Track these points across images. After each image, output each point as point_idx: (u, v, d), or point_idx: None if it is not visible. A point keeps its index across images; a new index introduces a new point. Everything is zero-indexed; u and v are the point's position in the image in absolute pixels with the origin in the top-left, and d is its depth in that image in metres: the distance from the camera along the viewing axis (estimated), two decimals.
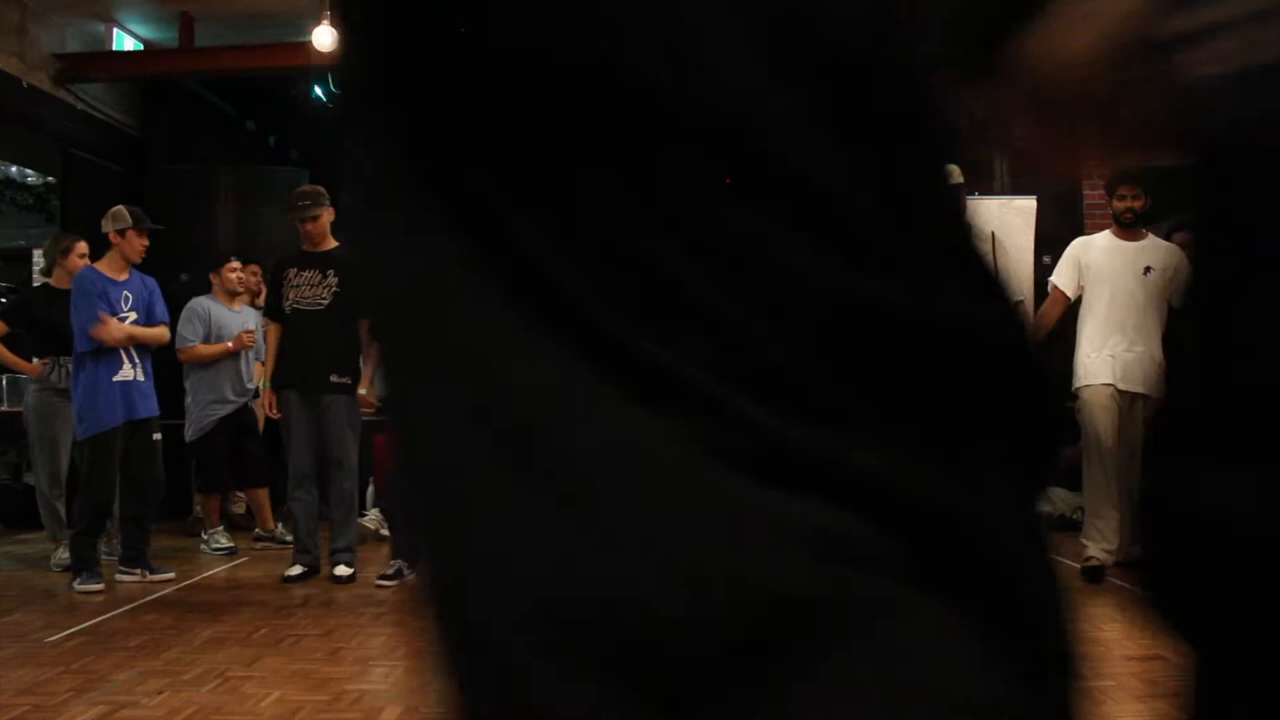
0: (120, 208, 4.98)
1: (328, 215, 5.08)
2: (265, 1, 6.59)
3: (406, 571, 4.95)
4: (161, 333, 5.08)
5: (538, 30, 0.44)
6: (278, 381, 5.05)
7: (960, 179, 4.85)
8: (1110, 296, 4.69)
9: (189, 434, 5.92)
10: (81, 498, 4.84)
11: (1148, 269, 4.68)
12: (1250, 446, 0.76)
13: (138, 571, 4.95)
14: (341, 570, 4.98)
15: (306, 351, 4.96)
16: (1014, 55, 0.65)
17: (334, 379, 4.97)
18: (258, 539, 6.07)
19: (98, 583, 4.75)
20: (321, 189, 5.16)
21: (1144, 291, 4.66)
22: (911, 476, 0.44)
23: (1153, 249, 4.75)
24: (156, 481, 5.01)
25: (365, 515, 6.07)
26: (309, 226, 5.05)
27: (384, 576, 4.88)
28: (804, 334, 0.44)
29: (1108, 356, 4.66)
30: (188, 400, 5.94)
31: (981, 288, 0.50)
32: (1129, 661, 3.46)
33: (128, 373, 4.80)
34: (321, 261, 5.03)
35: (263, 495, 6.08)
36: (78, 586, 4.71)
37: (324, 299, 4.99)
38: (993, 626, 0.44)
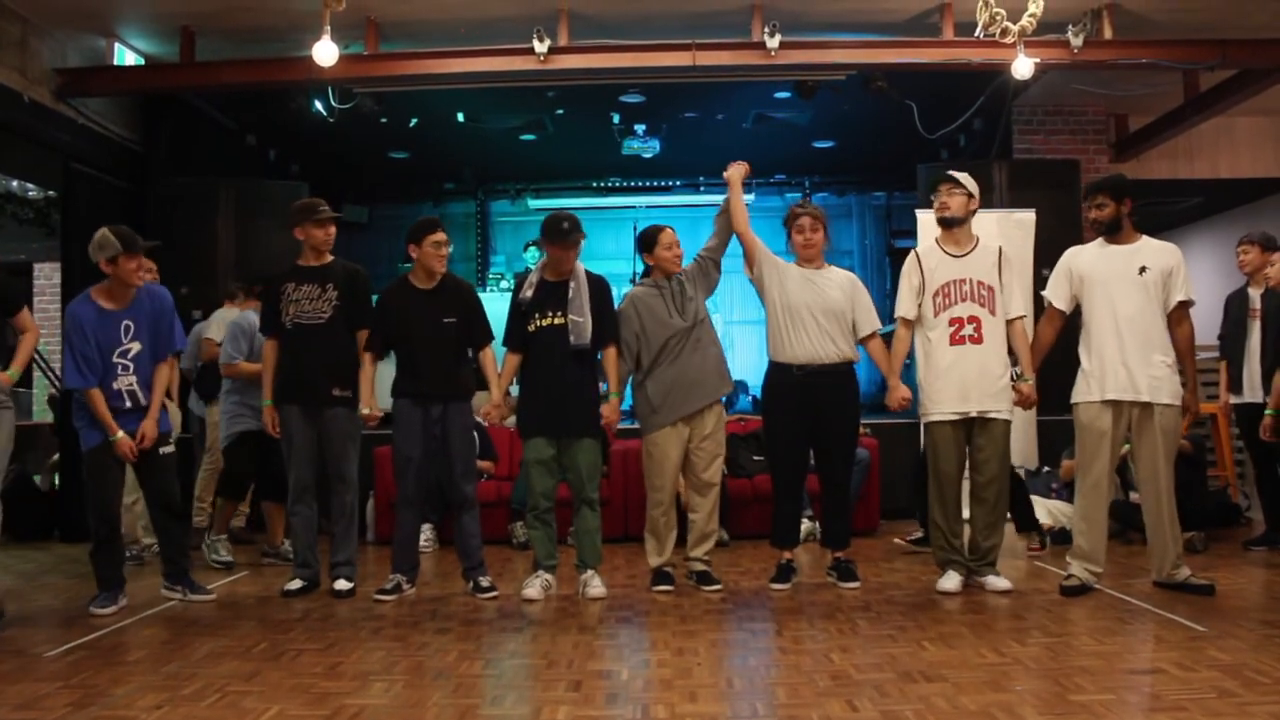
0: (105, 232, 4.55)
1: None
2: (266, 16, 6.61)
3: (405, 586, 4.94)
4: (159, 403, 4.78)
5: None
6: (280, 397, 5.03)
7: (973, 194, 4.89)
8: (1108, 299, 4.66)
9: (221, 441, 5.96)
10: (89, 512, 4.74)
11: (1143, 269, 4.65)
12: None
13: (178, 589, 4.87)
14: (341, 585, 4.96)
15: (309, 365, 4.95)
16: None
17: (336, 392, 4.97)
18: (265, 555, 6.05)
19: (111, 606, 4.62)
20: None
21: (1142, 292, 4.63)
22: None
23: (1147, 250, 4.71)
24: (172, 495, 4.91)
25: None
26: (324, 232, 5.04)
27: (383, 591, 4.87)
28: None
29: (1105, 367, 4.64)
30: (220, 408, 5.98)
31: None
32: (1130, 675, 3.46)
33: (131, 411, 4.68)
34: (320, 275, 5.03)
35: (279, 511, 6.07)
36: (91, 610, 4.59)
37: (324, 312, 4.98)
38: None
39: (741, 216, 5.06)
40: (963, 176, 4.88)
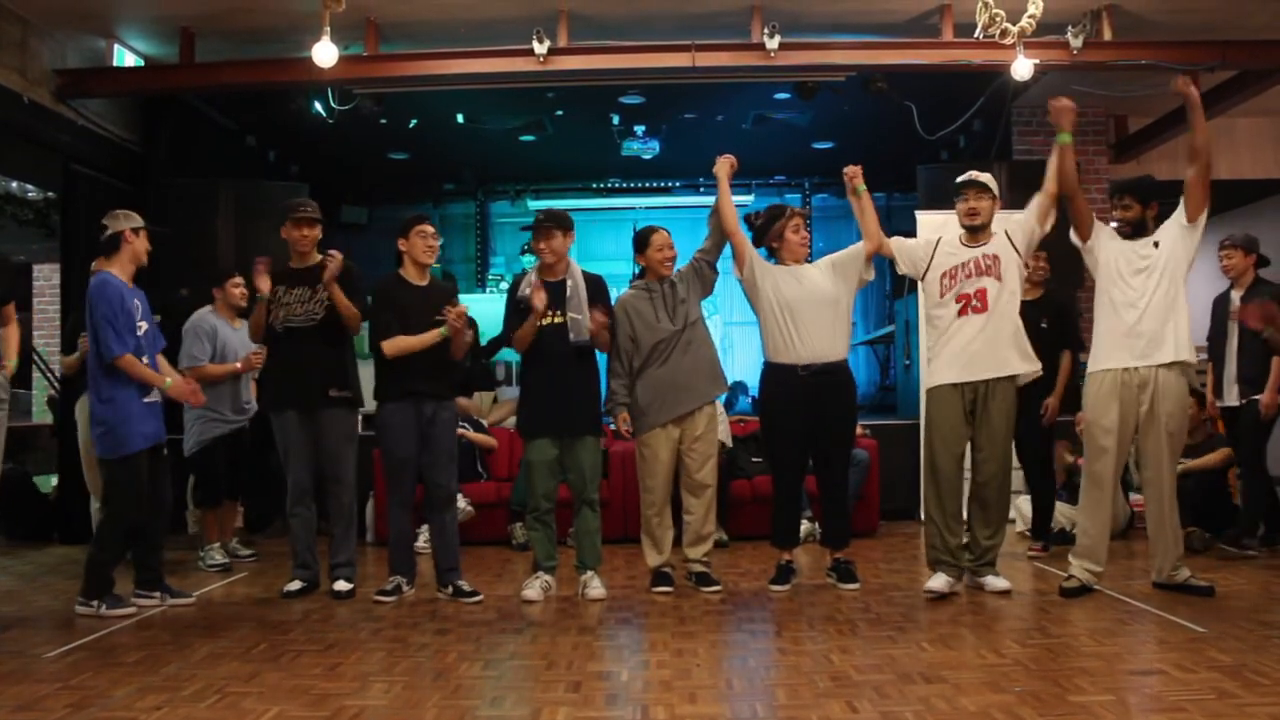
0: (127, 210, 4.83)
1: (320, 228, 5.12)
2: (266, 17, 6.61)
3: (405, 587, 4.94)
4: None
5: None
6: (276, 403, 5.04)
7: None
8: (1119, 285, 4.64)
9: (188, 449, 5.90)
10: (108, 521, 4.69)
11: (1156, 243, 4.63)
12: None
13: (156, 595, 4.81)
14: (340, 585, 4.96)
15: (303, 368, 4.95)
16: None
17: (333, 393, 4.96)
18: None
19: (123, 607, 4.61)
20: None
21: (1153, 277, 4.59)
22: None
23: (1159, 234, 4.69)
24: (166, 496, 4.94)
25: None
26: (299, 233, 5.05)
27: (383, 592, 4.87)
28: None
29: (1113, 343, 4.62)
30: (186, 415, 5.91)
31: None
32: (1130, 676, 3.46)
33: (155, 394, 4.69)
34: (311, 277, 5.01)
35: (233, 509, 6.08)
36: (104, 612, 4.56)
37: (317, 314, 4.97)
38: None
39: (730, 215, 5.04)
40: (986, 178, 4.85)
